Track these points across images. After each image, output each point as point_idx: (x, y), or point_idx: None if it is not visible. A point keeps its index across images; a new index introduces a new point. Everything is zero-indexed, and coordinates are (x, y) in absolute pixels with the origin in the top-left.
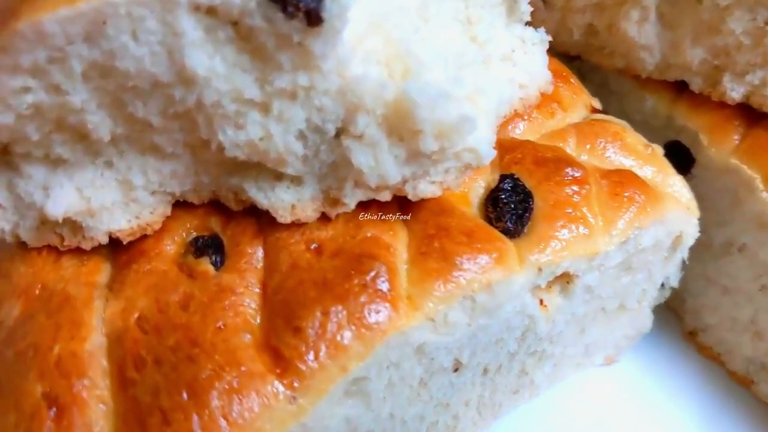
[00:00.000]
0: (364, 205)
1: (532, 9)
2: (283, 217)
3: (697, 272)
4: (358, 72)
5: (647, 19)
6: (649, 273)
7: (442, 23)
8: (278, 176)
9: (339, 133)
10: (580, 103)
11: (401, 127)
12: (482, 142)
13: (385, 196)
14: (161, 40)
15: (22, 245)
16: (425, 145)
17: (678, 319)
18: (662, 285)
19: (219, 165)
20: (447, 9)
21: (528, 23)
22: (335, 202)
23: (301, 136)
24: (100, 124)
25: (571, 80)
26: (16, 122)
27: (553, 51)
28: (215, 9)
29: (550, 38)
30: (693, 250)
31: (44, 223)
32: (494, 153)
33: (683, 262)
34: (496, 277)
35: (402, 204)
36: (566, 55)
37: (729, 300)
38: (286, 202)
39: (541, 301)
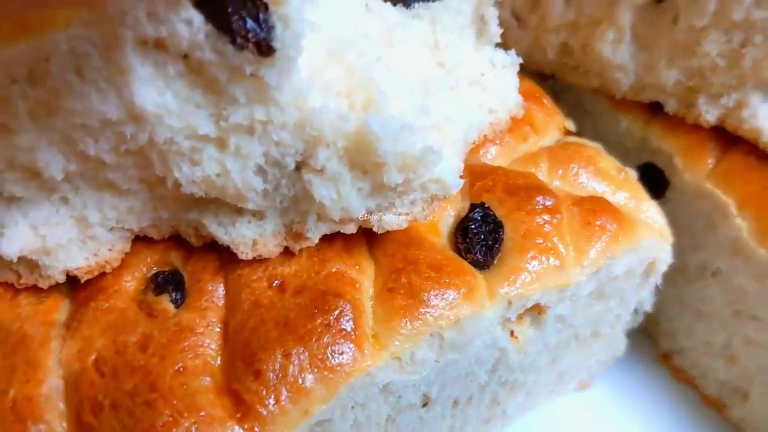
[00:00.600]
0: (329, 238)
1: (503, 30)
2: (245, 253)
3: (671, 296)
4: (317, 104)
5: (622, 40)
6: (622, 299)
7: (409, 48)
8: (239, 211)
9: (299, 166)
10: (553, 125)
11: (363, 160)
12: (449, 173)
13: (350, 229)
14: (107, 76)
15: None
16: (389, 178)
17: (652, 341)
18: (636, 310)
19: (177, 200)
20: (414, 33)
21: (499, 44)
22: (298, 236)
23: (260, 171)
24: (52, 162)
25: (545, 101)
26: None
27: (527, 70)
28: (163, 42)
29: (521, 60)
30: (667, 273)
31: None
32: (462, 183)
33: (656, 286)
34: (465, 313)
35: (369, 235)
36: (540, 74)
37: (703, 324)
38: (247, 237)
39: (512, 333)
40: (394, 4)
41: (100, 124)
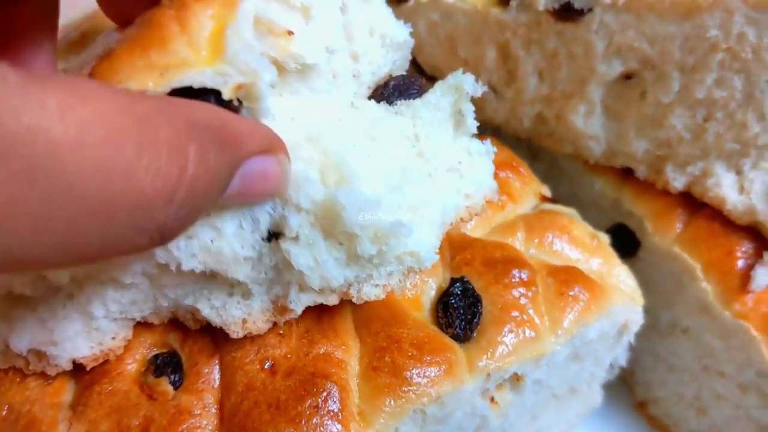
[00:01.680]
0: (317, 319)
1: (480, 101)
2: (236, 332)
3: (645, 349)
4: None
5: (593, 112)
6: (596, 359)
7: (390, 141)
8: (229, 293)
9: (277, 236)
10: (529, 192)
11: (334, 229)
12: (423, 247)
13: (333, 300)
14: None
15: None
16: (363, 249)
17: (629, 389)
18: (611, 365)
19: (177, 287)
20: (395, 128)
21: (476, 115)
22: (283, 310)
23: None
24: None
25: (521, 170)
26: None
27: (505, 134)
28: None
29: (495, 149)
30: (641, 328)
31: (9, 347)
32: (436, 257)
33: (630, 342)
34: (446, 390)
35: (355, 313)
36: (518, 137)
37: (675, 377)
38: (236, 317)
39: (492, 399)
40: (378, 102)
41: None
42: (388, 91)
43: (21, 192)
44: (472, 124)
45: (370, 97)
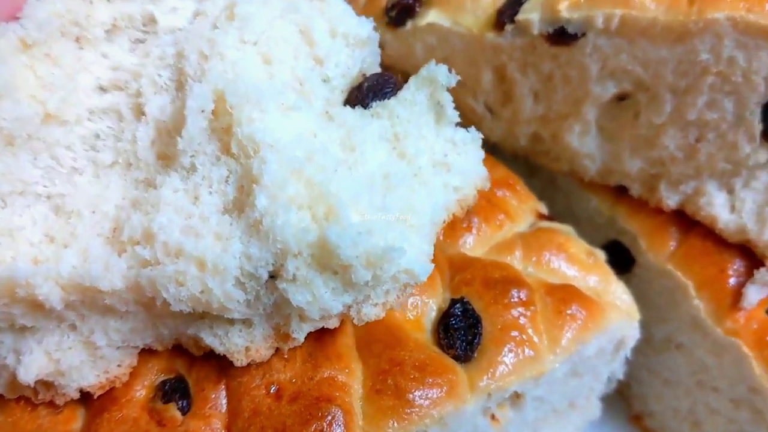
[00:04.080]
0: (320, 342)
1: (477, 120)
2: (240, 360)
3: (640, 363)
4: (279, 221)
5: (588, 132)
6: (594, 374)
7: (369, 148)
8: (230, 321)
9: (274, 276)
10: (526, 210)
11: (330, 263)
12: (416, 263)
13: (333, 323)
14: None
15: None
16: (358, 277)
17: (625, 402)
18: (608, 378)
19: (175, 317)
20: (373, 132)
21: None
22: (286, 337)
23: (239, 283)
24: (50, 293)
25: (518, 188)
26: None
27: (502, 150)
28: None
29: (482, 135)
30: (637, 343)
31: (17, 379)
32: (431, 267)
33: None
34: (448, 410)
35: (358, 336)
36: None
37: (670, 391)
38: (239, 345)
39: (493, 416)
40: (353, 107)
41: None
42: (362, 94)
43: None
44: (453, 114)
45: (345, 102)
